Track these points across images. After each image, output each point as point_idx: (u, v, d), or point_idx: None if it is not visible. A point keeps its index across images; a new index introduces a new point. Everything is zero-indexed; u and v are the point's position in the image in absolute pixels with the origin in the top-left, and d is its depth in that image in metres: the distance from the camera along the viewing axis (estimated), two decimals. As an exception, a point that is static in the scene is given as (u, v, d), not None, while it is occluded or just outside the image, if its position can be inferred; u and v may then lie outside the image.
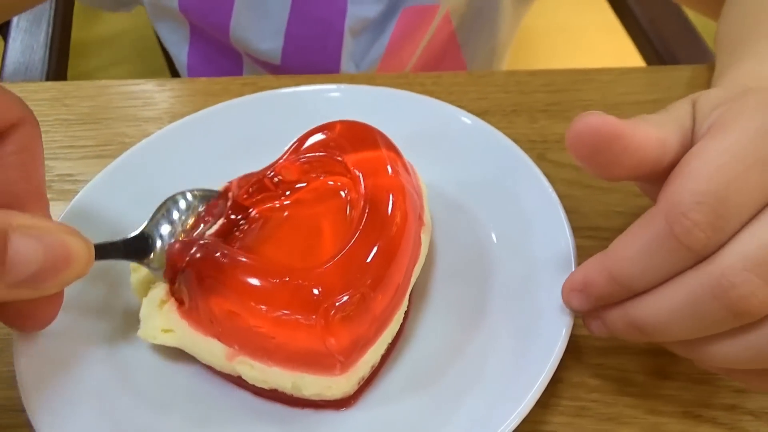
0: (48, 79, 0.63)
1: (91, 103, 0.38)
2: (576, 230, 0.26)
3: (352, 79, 0.40)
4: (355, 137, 0.25)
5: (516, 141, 0.36)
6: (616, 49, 0.66)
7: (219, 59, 0.52)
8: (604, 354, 0.25)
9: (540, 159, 0.35)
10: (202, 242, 0.22)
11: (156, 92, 0.39)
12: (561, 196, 0.28)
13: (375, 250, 0.22)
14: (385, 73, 0.40)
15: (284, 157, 0.26)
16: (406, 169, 0.25)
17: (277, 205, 0.25)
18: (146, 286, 0.24)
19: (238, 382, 0.23)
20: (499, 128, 0.36)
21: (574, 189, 0.32)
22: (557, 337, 0.22)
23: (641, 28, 0.61)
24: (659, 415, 0.24)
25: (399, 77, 0.41)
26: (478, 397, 0.22)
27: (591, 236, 0.30)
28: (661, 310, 0.19)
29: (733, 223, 0.18)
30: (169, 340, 0.23)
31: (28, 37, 0.67)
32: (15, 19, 0.66)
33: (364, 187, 0.24)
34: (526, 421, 0.21)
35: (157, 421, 0.22)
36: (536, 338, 0.23)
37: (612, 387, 0.24)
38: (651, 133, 0.20)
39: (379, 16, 0.47)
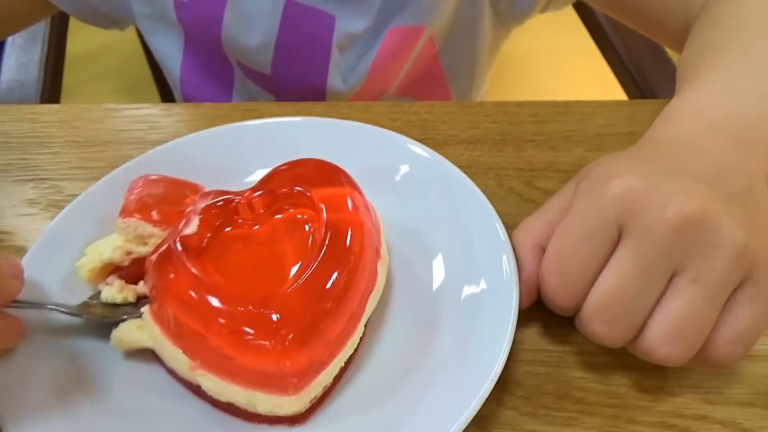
0: (43, 95, 0.67)
1: (99, 125, 0.42)
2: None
3: (351, 108, 0.43)
4: (322, 175, 0.27)
5: (505, 169, 0.38)
6: (596, 74, 0.67)
7: (212, 72, 0.54)
8: (588, 369, 0.28)
9: (528, 186, 0.38)
10: (180, 257, 0.25)
11: (161, 117, 0.42)
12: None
13: (332, 280, 0.24)
14: (386, 102, 0.43)
15: (258, 186, 0.28)
16: (366, 207, 0.27)
17: (246, 229, 0.28)
18: (95, 273, 0.27)
19: (198, 391, 0.25)
20: (489, 156, 0.38)
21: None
22: (497, 357, 0.24)
23: (619, 57, 0.62)
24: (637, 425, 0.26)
25: (394, 105, 0.43)
26: (422, 415, 0.24)
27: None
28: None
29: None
30: (143, 339, 0.25)
31: (23, 55, 0.70)
32: (10, 37, 0.69)
33: (327, 221, 0.26)
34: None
35: (116, 427, 0.24)
36: (479, 359, 0.25)
37: (594, 399, 0.27)
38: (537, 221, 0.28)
39: (366, 33, 0.49)
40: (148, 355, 0.26)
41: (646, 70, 0.40)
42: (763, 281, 0.23)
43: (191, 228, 0.26)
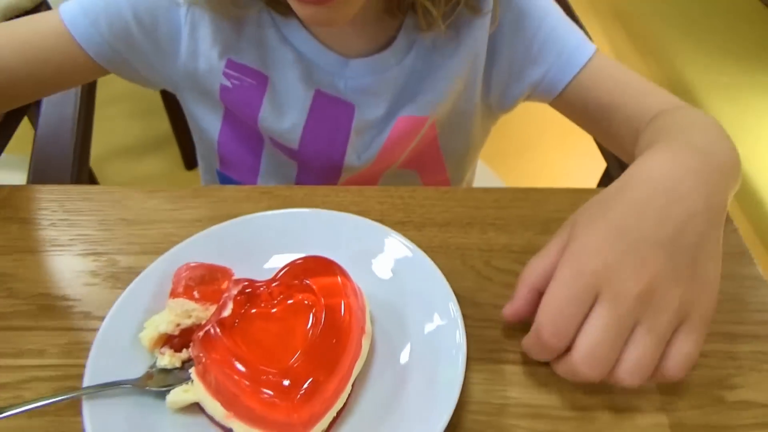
0: (76, 147, 0.76)
1: (144, 205, 0.51)
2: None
3: (347, 192, 0.52)
4: (321, 268, 0.37)
5: (468, 249, 0.47)
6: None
7: (245, 140, 0.63)
8: (520, 417, 0.36)
9: (486, 265, 0.46)
10: (219, 334, 0.34)
11: (192, 198, 0.52)
12: (499, 296, 0.41)
13: (326, 354, 0.34)
14: (377, 187, 0.52)
15: (274, 278, 0.38)
16: (354, 292, 0.37)
17: (266, 310, 0.37)
18: (153, 341, 0.37)
19: (230, 432, 0.34)
20: (457, 238, 0.48)
21: (509, 290, 0.39)
22: (449, 408, 0.33)
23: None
24: None
25: (383, 190, 0.52)
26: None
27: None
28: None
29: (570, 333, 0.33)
30: (189, 398, 0.35)
31: (58, 110, 0.79)
32: None
33: (325, 305, 0.35)
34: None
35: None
36: (436, 411, 0.34)
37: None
38: (551, 253, 0.36)
39: (379, 119, 0.59)
40: (194, 407, 0.36)
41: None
42: (696, 320, 0.34)
43: (227, 311, 0.35)
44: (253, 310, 0.36)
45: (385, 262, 0.42)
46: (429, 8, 0.53)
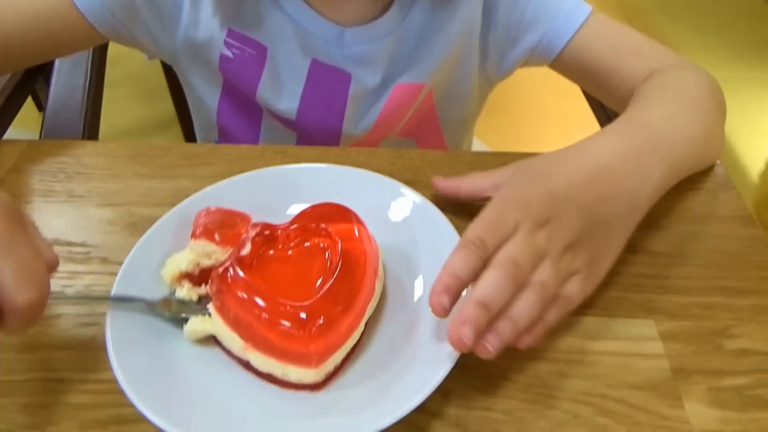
0: (85, 118, 0.77)
1: (159, 161, 0.52)
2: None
3: (359, 153, 0.53)
4: (338, 215, 0.38)
5: (477, 208, 0.47)
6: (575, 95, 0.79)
7: (244, 110, 0.63)
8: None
9: None
10: (238, 271, 0.35)
11: (208, 155, 0.53)
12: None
13: (342, 292, 0.35)
14: (387, 150, 0.53)
15: (292, 221, 0.39)
16: (369, 238, 0.38)
17: (284, 252, 0.38)
18: (174, 278, 0.38)
19: (246, 365, 0.35)
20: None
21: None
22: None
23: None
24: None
25: (394, 152, 0.54)
26: (402, 386, 0.34)
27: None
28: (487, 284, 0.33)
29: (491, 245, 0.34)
30: (207, 329, 0.36)
31: (69, 80, 0.79)
32: (57, 64, 0.79)
33: (340, 248, 0.36)
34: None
35: (191, 390, 0.34)
36: (445, 347, 0.35)
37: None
38: (481, 180, 0.43)
39: (376, 87, 0.60)
40: (209, 340, 0.37)
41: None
42: (587, 276, 0.37)
43: (245, 251, 0.37)
44: (271, 251, 0.37)
45: (397, 213, 0.43)
46: None
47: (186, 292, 0.38)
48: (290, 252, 0.38)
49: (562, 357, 0.38)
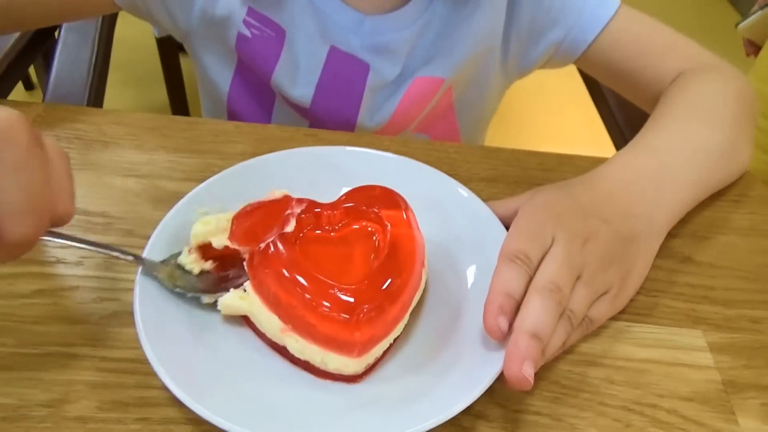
0: (90, 92, 0.74)
1: (185, 135, 0.50)
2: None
3: (392, 141, 0.51)
4: (388, 198, 0.36)
5: None
6: (588, 117, 0.78)
7: (257, 93, 0.61)
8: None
9: None
10: (281, 248, 0.33)
11: (235, 133, 0.50)
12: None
13: (391, 279, 0.33)
14: (422, 140, 0.51)
15: (340, 201, 0.37)
16: (417, 225, 0.36)
17: (329, 233, 0.36)
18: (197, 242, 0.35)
19: (281, 351, 0.33)
20: (505, 194, 0.47)
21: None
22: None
23: (611, 110, 0.72)
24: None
25: (429, 144, 0.52)
26: (444, 386, 0.32)
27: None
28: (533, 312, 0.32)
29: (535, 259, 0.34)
30: (243, 306, 0.33)
31: (74, 53, 0.76)
32: (64, 35, 0.76)
33: (390, 234, 0.34)
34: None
35: (222, 373, 0.32)
36: (492, 347, 0.33)
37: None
38: (503, 209, 0.41)
39: (395, 79, 0.58)
40: (240, 321, 0.35)
41: (636, 125, 0.50)
42: (617, 296, 0.37)
43: (289, 227, 0.34)
44: (317, 231, 0.35)
45: (441, 203, 0.41)
46: None
47: (191, 261, 0.36)
48: (337, 233, 0.36)
49: (610, 363, 0.36)
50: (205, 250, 0.36)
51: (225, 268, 0.37)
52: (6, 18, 0.52)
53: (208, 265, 0.36)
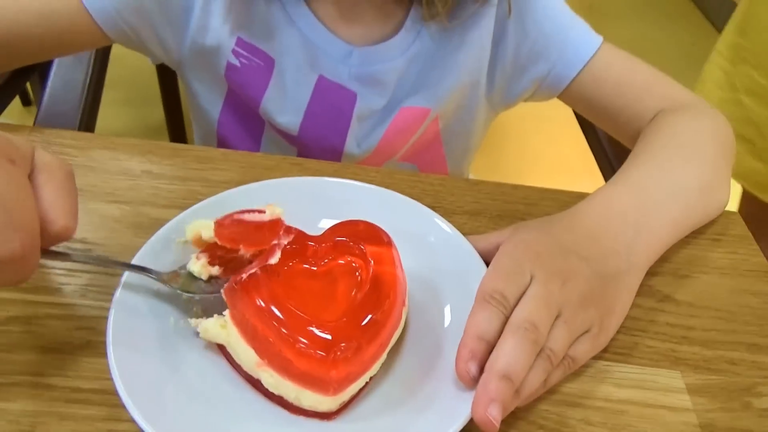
0: (83, 114, 0.74)
1: (171, 162, 0.50)
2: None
3: (377, 173, 0.52)
4: (373, 235, 0.36)
5: None
6: (579, 145, 0.79)
7: (246, 121, 0.62)
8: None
9: None
10: (263, 280, 0.32)
11: (221, 161, 0.50)
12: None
13: (370, 316, 0.32)
14: (407, 171, 0.52)
15: (326, 235, 0.37)
16: (400, 264, 0.36)
17: (312, 267, 0.36)
18: (195, 237, 0.37)
19: (255, 384, 0.33)
20: (487, 228, 0.47)
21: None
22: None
23: (600, 143, 0.73)
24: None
25: (414, 175, 0.52)
26: (419, 424, 0.32)
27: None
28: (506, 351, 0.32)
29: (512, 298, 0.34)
30: (221, 335, 0.33)
31: (69, 73, 0.75)
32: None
33: (372, 271, 0.34)
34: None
35: (194, 407, 0.32)
36: (467, 387, 0.33)
37: None
38: (485, 244, 0.40)
39: (382, 108, 0.59)
40: (215, 353, 0.34)
41: (623, 156, 0.51)
42: (598, 336, 0.37)
43: (274, 259, 0.34)
44: (304, 265, 0.35)
45: (423, 238, 0.41)
46: (434, 1, 0.53)
47: (199, 267, 0.36)
48: (321, 268, 0.35)
49: (588, 403, 0.36)
50: (211, 255, 0.37)
51: (233, 272, 0.37)
52: (4, 56, 0.53)
53: (216, 270, 0.37)
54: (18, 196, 0.28)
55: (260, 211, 0.37)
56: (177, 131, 1.55)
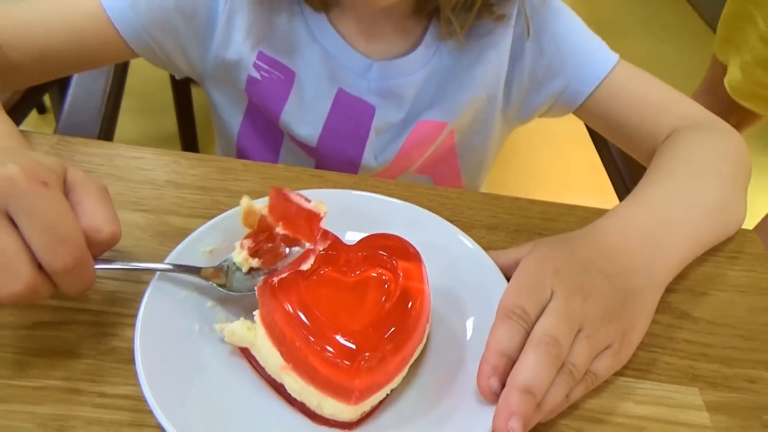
0: (103, 123, 0.75)
1: (195, 172, 0.51)
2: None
3: (396, 185, 0.52)
4: (403, 249, 0.37)
5: None
6: (592, 161, 0.79)
7: (265, 133, 0.63)
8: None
9: None
10: (295, 285, 0.33)
11: (242, 171, 0.51)
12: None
13: (395, 329, 0.33)
14: (425, 184, 0.52)
15: (359, 246, 0.37)
16: (427, 282, 0.36)
17: (343, 275, 0.36)
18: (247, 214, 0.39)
19: (278, 388, 0.33)
20: (504, 242, 0.48)
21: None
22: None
23: (613, 159, 0.74)
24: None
25: (432, 188, 0.53)
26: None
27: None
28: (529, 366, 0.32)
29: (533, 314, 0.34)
30: (247, 338, 0.34)
31: (90, 83, 0.77)
32: None
33: (402, 285, 0.35)
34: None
35: (218, 413, 0.32)
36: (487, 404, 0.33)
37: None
38: (510, 255, 0.41)
39: (400, 122, 0.60)
40: (239, 358, 0.35)
41: (636, 171, 0.52)
42: (618, 351, 0.37)
43: (307, 265, 0.35)
44: (336, 273, 0.36)
45: (445, 252, 0.42)
46: (451, 19, 0.54)
47: (242, 257, 0.38)
48: (352, 277, 0.36)
49: (608, 419, 0.36)
50: (254, 240, 0.39)
51: (273, 262, 0.40)
52: (36, 70, 0.54)
53: (256, 262, 0.39)
54: (58, 214, 0.30)
55: (307, 199, 0.38)
56: (189, 140, 1.57)
